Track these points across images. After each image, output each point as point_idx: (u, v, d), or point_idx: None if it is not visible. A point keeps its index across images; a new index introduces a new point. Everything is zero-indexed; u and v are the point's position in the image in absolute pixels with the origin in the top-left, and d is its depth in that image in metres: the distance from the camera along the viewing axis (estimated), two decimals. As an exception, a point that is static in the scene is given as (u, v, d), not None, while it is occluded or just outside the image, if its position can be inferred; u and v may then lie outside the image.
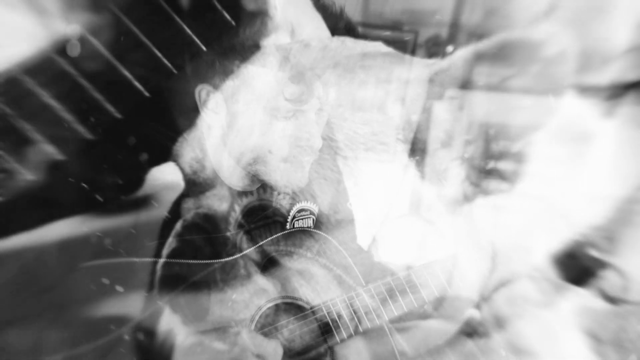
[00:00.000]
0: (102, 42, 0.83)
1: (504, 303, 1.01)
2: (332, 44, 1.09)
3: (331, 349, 0.97)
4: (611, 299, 0.91)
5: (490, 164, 1.05)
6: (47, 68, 0.80)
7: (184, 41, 0.86)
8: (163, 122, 0.92)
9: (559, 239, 0.97)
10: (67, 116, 0.82)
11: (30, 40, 0.79)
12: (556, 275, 0.97)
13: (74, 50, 0.79)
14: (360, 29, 1.14)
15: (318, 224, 1.05)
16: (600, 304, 0.92)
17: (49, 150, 0.82)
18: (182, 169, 0.96)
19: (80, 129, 0.84)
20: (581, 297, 0.94)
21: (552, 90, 0.95)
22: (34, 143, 0.81)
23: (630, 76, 0.88)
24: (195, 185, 0.97)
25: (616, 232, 0.91)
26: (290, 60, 0.97)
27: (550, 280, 0.98)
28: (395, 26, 1.16)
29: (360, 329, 0.97)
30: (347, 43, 1.11)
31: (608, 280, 0.91)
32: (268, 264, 1.01)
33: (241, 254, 1.01)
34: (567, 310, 0.95)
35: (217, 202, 0.98)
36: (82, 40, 0.81)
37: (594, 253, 0.93)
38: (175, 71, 0.87)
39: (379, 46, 1.12)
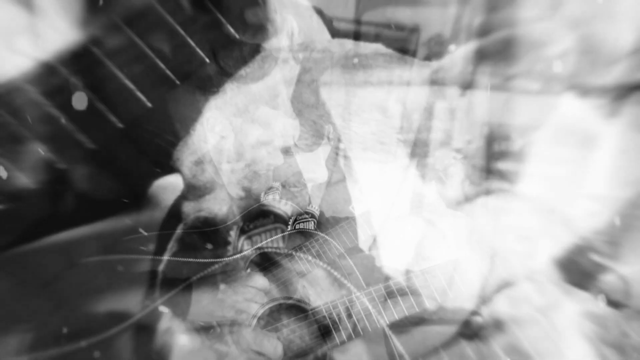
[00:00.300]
0: (105, 53, 0.84)
1: (505, 305, 1.00)
2: (331, 46, 1.09)
3: (330, 352, 0.98)
4: (613, 304, 0.90)
5: (491, 164, 1.03)
6: (50, 79, 0.82)
7: (187, 53, 0.87)
8: (164, 129, 0.94)
9: (560, 242, 0.96)
10: (72, 126, 0.84)
11: (34, 51, 0.81)
12: (558, 278, 0.96)
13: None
14: (360, 27, 1.13)
15: (318, 225, 1.06)
16: (603, 309, 0.91)
17: (53, 158, 0.84)
18: (182, 173, 0.98)
19: (85, 139, 0.86)
20: (583, 301, 0.93)
21: (554, 90, 0.93)
22: (41, 152, 0.83)
23: (634, 77, 0.86)
24: (195, 189, 0.98)
25: (618, 237, 0.89)
26: (289, 63, 0.98)
27: (552, 283, 0.97)
28: (397, 26, 1.14)
29: (360, 332, 0.98)
30: (347, 45, 1.11)
31: (610, 284, 0.90)
32: (269, 265, 1.03)
33: (241, 255, 1.02)
34: (569, 313, 0.94)
35: (217, 206, 1.00)
36: (86, 51, 0.83)
37: (595, 257, 0.91)
38: (178, 82, 0.89)
39: (379, 47, 1.11)
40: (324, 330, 0.99)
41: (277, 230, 1.04)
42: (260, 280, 0.99)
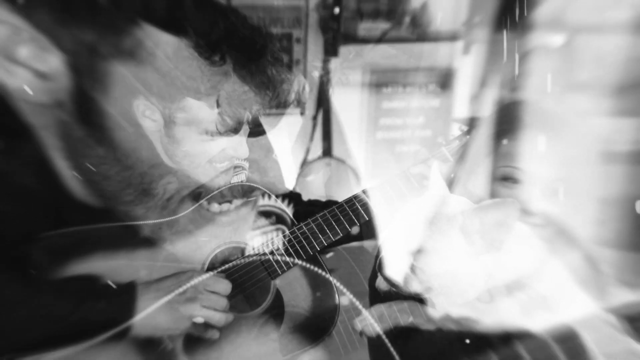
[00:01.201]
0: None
1: (512, 310, 0.95)
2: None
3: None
4: (624, 316, 0.84)
5: (504, 168, 0.99)
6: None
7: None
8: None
9: (572, 252, 0.91)
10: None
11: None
12: (569, 288, 0.91)
13: None
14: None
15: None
16: (613, 320, 0.85)
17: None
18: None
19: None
20: (595, 313, 0.88)
21: (561, 90, 0.89)
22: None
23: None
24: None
25: (628, 247, 0.83)
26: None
27: (562, 293, 0.92)
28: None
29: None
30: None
31: (620, 297, 0.84)
32: (235, 265, 0.98)
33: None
34: (579, 324, 0.89)
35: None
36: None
37: (607, 269, 0.86)
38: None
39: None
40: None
41: (278, 231, 1.00)
42: (221, 285, 0.88)
